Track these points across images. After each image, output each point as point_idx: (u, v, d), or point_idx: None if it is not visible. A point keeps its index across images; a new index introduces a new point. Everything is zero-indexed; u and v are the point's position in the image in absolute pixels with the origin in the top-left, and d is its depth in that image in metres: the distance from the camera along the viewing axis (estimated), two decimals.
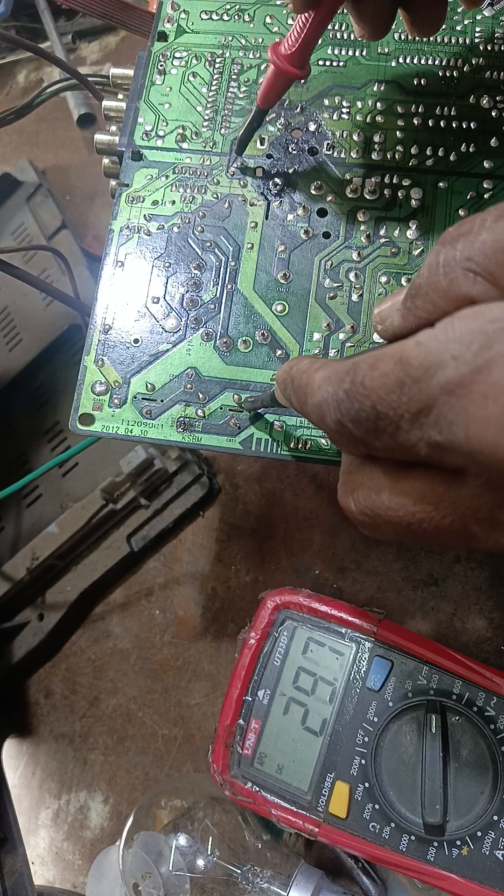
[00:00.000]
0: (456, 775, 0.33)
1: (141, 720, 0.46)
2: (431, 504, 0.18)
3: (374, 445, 0.19)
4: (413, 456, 0.18)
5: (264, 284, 0.31)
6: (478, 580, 0.42)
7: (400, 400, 0.17)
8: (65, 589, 0.48)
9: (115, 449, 0.50)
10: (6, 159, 0.68)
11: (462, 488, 0.17)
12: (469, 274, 0.18)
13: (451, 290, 0.18)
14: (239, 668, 0.36)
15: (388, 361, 0.18)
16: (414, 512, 0.18)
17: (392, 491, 0.19)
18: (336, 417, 0.19)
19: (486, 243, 0.18)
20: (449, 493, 0.18)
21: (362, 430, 0.19)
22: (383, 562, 0.44)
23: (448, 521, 0.18)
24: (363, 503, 0.20)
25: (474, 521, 0.17)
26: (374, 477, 0.20)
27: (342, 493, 0.21)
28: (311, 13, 0.26)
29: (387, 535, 0.20)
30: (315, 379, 0.21)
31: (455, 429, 0.16)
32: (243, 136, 0.31)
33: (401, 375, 0.17)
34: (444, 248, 0.19)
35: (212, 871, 0.36)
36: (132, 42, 0.68)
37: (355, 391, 0.18)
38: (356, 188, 0.31)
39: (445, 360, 0.16)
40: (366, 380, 0.18)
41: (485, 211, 0.18)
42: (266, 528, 0.47)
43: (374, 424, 0.18)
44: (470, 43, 0.32)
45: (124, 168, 0.33)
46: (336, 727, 0.35)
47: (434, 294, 0.19)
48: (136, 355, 0.31)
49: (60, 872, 0.45)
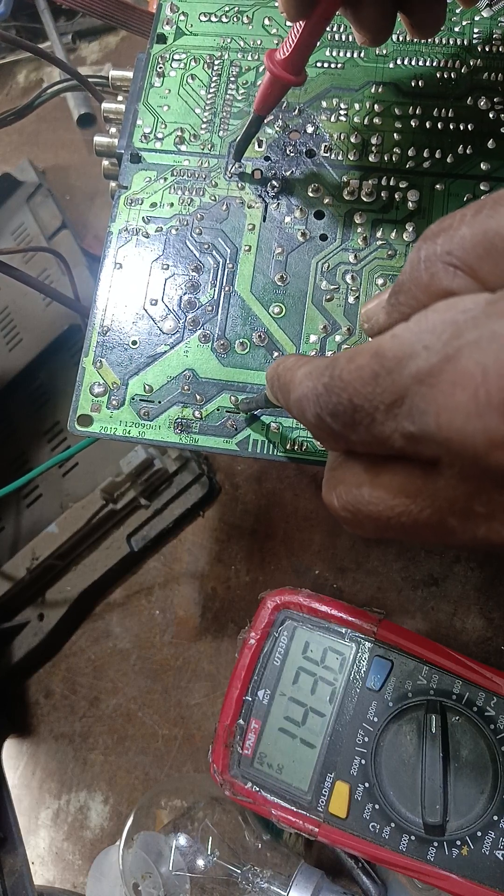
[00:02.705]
0: (456, 775, 0.33)
1: (141, 720, 0.46)
2: (409, 497, 0.18)
3: (352, 439, 0.19)
4: (389, 448, 0.18)
5: (261, 286, 0.31)
6: (478, 580, 0.42)
7: (374, 391, 0.17)
8: (65, 589, 0.48)
9: (115, 449, 0.50)
10: (6, 159, 0.68)
11: (438, 480, 0.17)
12: (449, 268, 0.18)
13: (433, 284, 0.18)
14: (239, 668, 0.36)
15: (364, 355, 0.18)
16: (393, 506, 0.19)
17: (372, 485, 0.19)
18: (315, 412, 0.19)
19: (466, 238, 0.18)
20: (426, 485, 0.18)
21: (340, 423, 0.19)
22: (383, 562, 0.44)
23: (426, 515, 0.18)
24: (345, 498, 0.20)
25: (451, 514, 0.17)
26: (355, 472, 0.20)
27: (326, 490, 0.22)
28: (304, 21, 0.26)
29: (368, 530, 0.20)
30: (297, 375, 0.21)
31: (426, 418, 0.16)
32: (240, 142, 0.31)
33: (376, 367, 0.17)
34: (425, 244, 0.19)
35: (212, 871, 0.36)
36: (132, 42, 0.68)
37: (333, 385, 0.19)
38: (353, 190, 0.31)
39: (417, 350, 0.16)
40: (343, 373, 0.18)
41: (465, 206, 0.18)
42: (266, 528, 0.47)
43: (350, 417, 0.18)
44: (468, 44, 0.32)
45: (123, 170, 0.33)
46: (336, 727, 0.35)
47: (416, 289, 0.19)
48: (135, 357, 0.31)
49: (60, 872, 0.45)
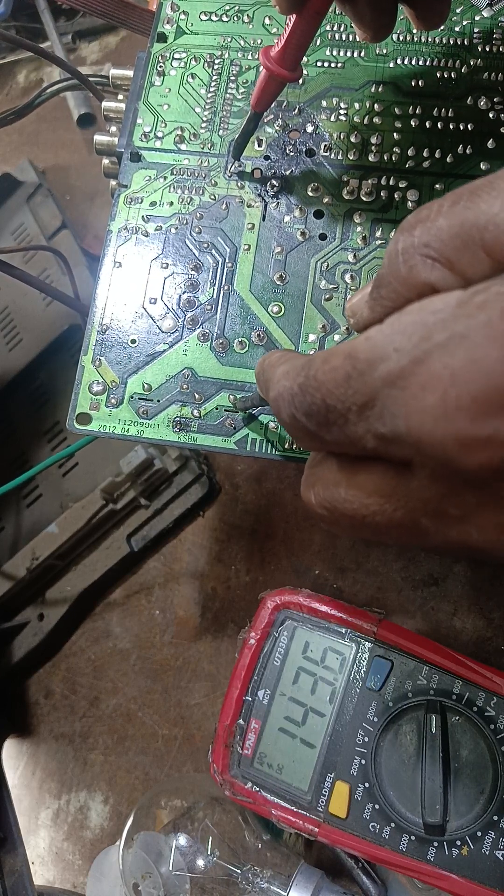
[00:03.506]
0: (456, 775, 0.33)
1: (141, 720, 0.46)
2: (384, 497, 0.18)
3: (327, 440, 0.19)
4: (362, 449, 0.18)
5: (260, 286, 0.31)
6: (478, 580, 0.42)
7: (346, 393, 0.17)
8: (65, 589, 0.48)
9: (115, 449, 0.50)
10: (6, 159, 0.68)
11: (411, 481, 0.17)
12: (427, 261, 0.18)
13: (411, 277, 0.18)
14: (239, 668, 0.36)
15: (338, 356, 0.18)
16: (367, 504, 0.19)
17: (348, 484, 0.19)
18: (290, 412, 0.20)
19: (443, 229, 0.18)
20: (399, 485, 0.18)
21: (314, 423, 0.19)
22: (383, 562, 0.44)
23: (399, 515, 0.18)
24: (322, 496, 0.20)
25: (424, 514, 0.17)
26: (332, 471, 0.20)
27: (304, 487, 0.22)
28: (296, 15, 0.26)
29: (344, 528, 0.20)
30: (276, 374, 0.21)
31: (397, 420, 0.16)
32: (239, 139, 0.31)
33: (348, 369, 0.17)
34: (402, 236, 0.19)
35: (212, 871, 0.36)
36: (132, 42, 0.68)
37: (308, 385, 0.19)
38: (353, 190, 0.31)
39: (388, 352, 0.16)
40: (318, 374, 0.18)
41: (441, 197, 0.18)
42: (266, 528, 0.47)
43: (324, 417, 0.18)
44: (468, 44, 0.32)
45: (123, 169, 0.33)
46: (336, 727, 0.35)
47: (396, 283, 0.19)
48: (134, 355, 0.31)
49: (60, 872, 0.45)
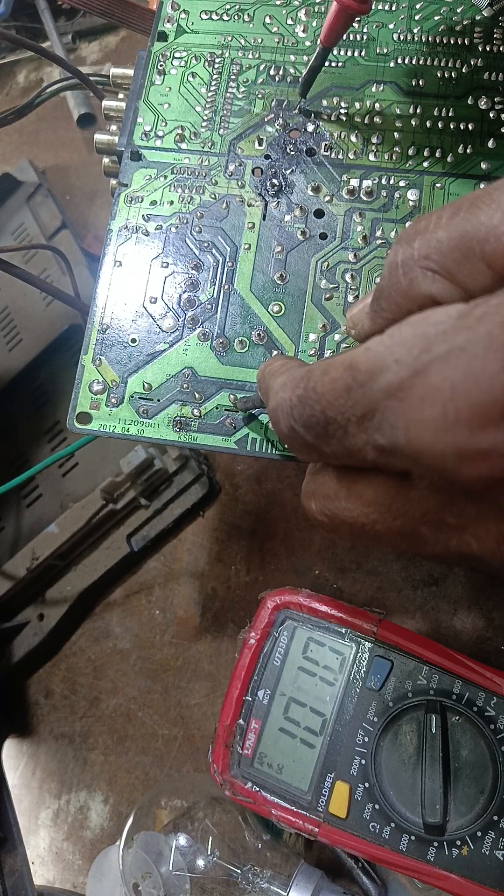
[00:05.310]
0: (456, 775, 0.33)
1: (141, 720, 0.46)
2: (383, 507, 0.18)
3: (325, 451, 0.19)
4: (362, 460, 0.18)
5: (261, 285, 0.31)
6: (478, 580, 0.42)
7: (346, 404, 0.17)
8: (65, 589, 0.48)
9: (115, 449, 0.50)
10: (6, 159, 0.68)
11: (410, 491, 0.17)
12: (427, 273, 0.18)
13: (412, 289, 0.18)
14: (239, 668, 0.36)
15: (338, 367, 0.18)
16: (367, 513, 0.19)
17: (347, 495, 0.19)
18: (289, 423, 0.19)
19: (443, 241, 0.18)
20: (399, 496, 0.18)
21: (313, 435, 0.19)
22: (383, 562, 0.44)
23: (399, 524, 0.18)
24: (322, 504, 0.20)
25: (423, 524, 0.18)
26: (331, 480, 0.20)
27: (304, 495, 0.22)
28: None
29: (344, 536, 0.20)
30: (275, 384, 0.21)
31: (396, 432, 0.16)
32: (307, 75, 0.31)
33: (349, 380, 0.17)
34: (401, 248, 0.19)
35: (212, 871, 0.36)
36: (132, 42, 0.68)
37: (307, 396, 0.19)
38: (353, 189, 0.31)
39: (389, 364, 0.16)
40: (317, 385, 0.18)
41: (440, 208, 0.18)
42: (266, 528, 0.47)
43: (323, 429, 0.18)
44: (468, 44, 0.32)
45: (123, 168, 0.33)
46: (336, 727, 0.35)
47: (396, 295, 0.19)
48: (134, 355, 0.31)
49: (60, 872, 0.45)
